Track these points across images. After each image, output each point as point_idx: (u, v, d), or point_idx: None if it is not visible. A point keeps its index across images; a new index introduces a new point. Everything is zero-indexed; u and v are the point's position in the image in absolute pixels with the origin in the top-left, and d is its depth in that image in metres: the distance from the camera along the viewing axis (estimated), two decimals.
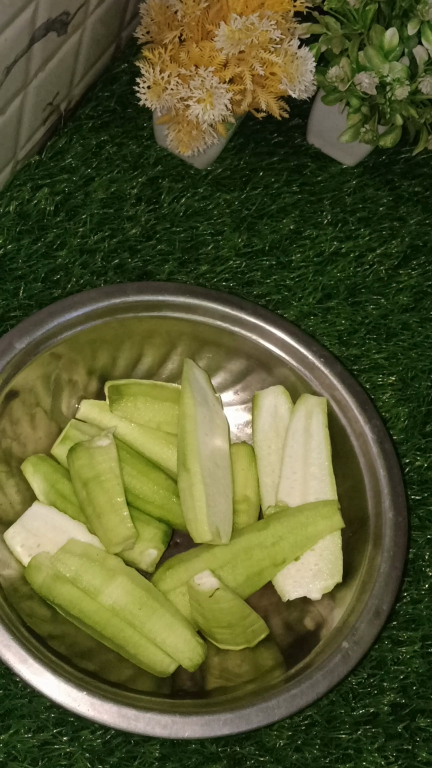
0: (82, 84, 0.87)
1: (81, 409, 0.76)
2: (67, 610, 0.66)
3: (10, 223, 0.82)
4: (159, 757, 0.67)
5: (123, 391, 0.75)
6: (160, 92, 0.75)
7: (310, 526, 0.70)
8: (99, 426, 0.75)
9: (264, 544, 0.70)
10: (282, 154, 0.92)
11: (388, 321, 0.85)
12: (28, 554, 0.69)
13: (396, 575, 0.68)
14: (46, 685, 0.62)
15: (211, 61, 0.75)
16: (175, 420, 0.74)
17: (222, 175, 0.89)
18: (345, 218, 0.89)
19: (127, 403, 0.75)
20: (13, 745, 0.66)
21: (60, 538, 0.69)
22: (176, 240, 0.84)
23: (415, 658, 0.73)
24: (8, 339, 0.70)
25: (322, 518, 0.71)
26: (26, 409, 0.72)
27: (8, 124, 0.77)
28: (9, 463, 0.72)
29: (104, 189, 0.85)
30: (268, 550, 0.70)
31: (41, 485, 0.72)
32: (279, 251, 0.86)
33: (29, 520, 0.70)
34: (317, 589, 0.70)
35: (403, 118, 0.82)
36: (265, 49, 0.75)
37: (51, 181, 0.84)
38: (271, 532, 0.70)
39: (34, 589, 0.67)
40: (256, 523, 0.73)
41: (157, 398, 0.75)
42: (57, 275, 0.81)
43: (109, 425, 0.75)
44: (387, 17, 0.80)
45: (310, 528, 0.70)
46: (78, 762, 0.66)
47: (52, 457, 0.74)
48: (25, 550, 0.69)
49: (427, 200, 0.92)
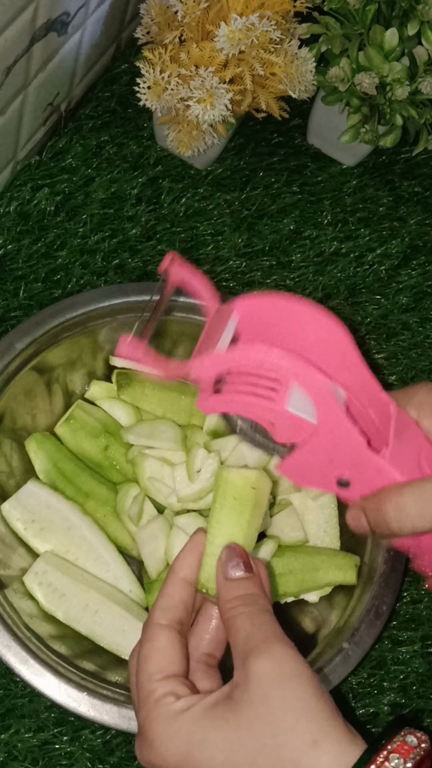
0: (82, 84, 0.87)
1: (90, 389, 0.76)
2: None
3: (11, 223, 0.82)
4: None
5: (132, 377, 0.75)
6: (161, 92, 0.75)
7: (322, 571, 0.70)
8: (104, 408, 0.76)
9: (271, 572, 0.69)
10: (282, 154, 0.92)
11: (388, 321, 0.85)
12: (24, 528, 0.70)
13: (396, 575, 0.68)
14: (46, 685, 0.62)
15: (212, 61, 0.75)
16: (181, 410, 0.75)
17: (222, 175, 0.89)
18: (345, 218, 0.89)
19: (134, 389, 0.75)
20: (14, 744, 0.66)
21: (54, 517, 0.70)
22: (176, 240, 0.85)
23: (415, 658, 0.73)
24: (9, 339, 0.70)
25: (337, 569, 0.70)
26: (43, 385, 0.73)
27: (9, 124, 0.77)
28: (18, 438, 0.73)
29: (104, 189, 0.85)
30: (273, 579, 0.69)
31: (43, 463, 0.72)
32: (279, 251, 0.86)
33: (24, 497, 0.71)
34: (315, 592, 0.71)
35: (403, 118, 0.82)
36: (265, 49, 0.75)
37: (51, 181, 0.85)
38: (283, 562, 0.70)
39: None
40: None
41: (165, 388, 0.75)
42: (57, 275, 0.81)
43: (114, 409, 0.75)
44: (387, 17, 0.80)
45: (321, 573, 0.70)
46: (78, 762, 0.66)
47: (55, 435, 0.75)
48: (21, 525, 0.70)
49: (427, 200, 0.92)
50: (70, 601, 0.68)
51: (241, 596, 0.50)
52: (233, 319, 0.55)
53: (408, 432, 0.54)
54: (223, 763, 0.45)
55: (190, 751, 0.45)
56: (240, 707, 0.45)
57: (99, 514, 0.71)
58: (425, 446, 0.54)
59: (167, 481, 0.70)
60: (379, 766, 0.43)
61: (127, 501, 0.70)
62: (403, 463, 0.52)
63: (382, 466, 0.52)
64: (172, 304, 0.75)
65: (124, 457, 0.73)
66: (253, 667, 0.46)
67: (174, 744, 0.46)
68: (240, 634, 0.48)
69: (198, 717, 0.46)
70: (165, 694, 0.47)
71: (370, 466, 0.52)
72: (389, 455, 0.52)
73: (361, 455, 0.52)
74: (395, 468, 0.52)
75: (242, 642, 0.48)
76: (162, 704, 0.47)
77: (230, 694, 0.46)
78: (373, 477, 0.52)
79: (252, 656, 0.46)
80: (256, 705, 0.45)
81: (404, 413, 0.55)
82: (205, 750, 0.45)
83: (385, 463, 0.52)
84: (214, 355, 0.51)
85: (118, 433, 0.73)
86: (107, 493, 0.72)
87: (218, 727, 0.45)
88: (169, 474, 0.70)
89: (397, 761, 0.43)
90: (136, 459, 0.71)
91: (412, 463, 0.53)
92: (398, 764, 0.43)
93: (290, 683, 0.46)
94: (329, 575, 0.70)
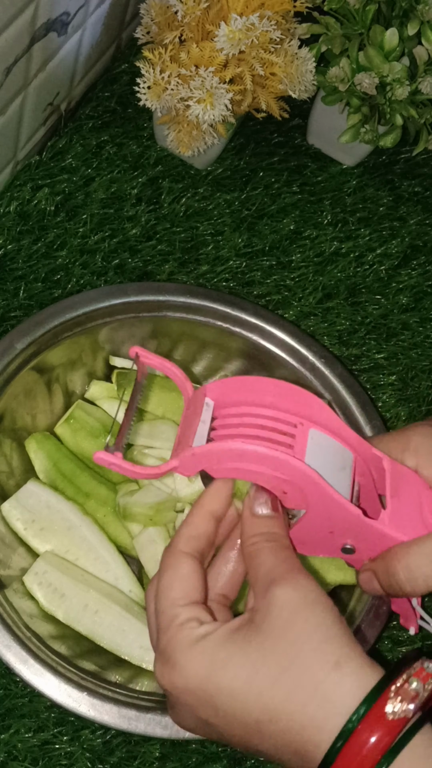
0: (82, 84, 0.87)
1: (90, 389, 0.76)
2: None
3: (11, 223, 0.82)
4: (159, 756, 0.67)
5: (132, 377, 0.75)
6: (161, 92, 0.76)
7: (321, 571, 0.69)
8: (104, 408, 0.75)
9: None
10: (282, 154, 0.92)
11: (388, 321, 0.85)
12: (24, 528, 0.70)
13: None
14: (46, 685, 0.62)
15: (212, 61, 0.75)
16: (180, 410, 0.74)
17: (222, 175, 0.89)
18: (345, 218, 0.89)
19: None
20: (14, 744, 0.66)
21: (54, 517, 0.70)
22: (176, 240, 0.85)
23: None
24: (9, 339, 0.70)
25: (337, 569, 0.70)
26: (43, 385, 0.73)
27: (8, 124, 0.77)
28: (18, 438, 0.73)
29: (104, 189, 0.85)
30: None
31: (43, 463, 0.72)
32: (279, 251, 0.86)
33: (24, 497, 0.71)
34: None
35: (403, 118, 0.82)
36: (265, 49, 0.75)
37: (51, 181, 0.85)
38: None
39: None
40: None
41: (164, 387, 0.75)
42: (57, 275, 0.81)
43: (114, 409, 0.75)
44: (387, 17, 0.80)
45: (320, 573, 0.69)
46: (78, 762, 0.66)
47: (55, 435, 0.75)
48: (21, 525, 0.70)
49: (427, 200, 0.92)
50: (70, 601, 0.68)
51: (265, 533, 0.50)
52: (208, 402, 0.55)
53: (406, 485, 0.54)
54: (246, 682, 0.45)
55: (214, 671, 0.46)
56: (263, 630, 0.46)
57: (99, 514, 0.71)
58: (427, 497, 0.54)
59: (167, 480, 0.70)
60: (399, 688, 0.44)
61: None
62: (404, 521, 0.52)
63: (383, 531, 0.52)
64: (171, 303, 0.75)
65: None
66: (277, 592, 0.47)
67: (198, 664, 0.47)
68: (263, 566, 0.49)
69: (221, 639, 0.47)
70: (189, 618, 0.48)
71: (372, 533, 0.52)
72: (388, 518, 0.52)
73: (360, 525, 0.52)
74: (397, 530, 0.52)
75: (265, 573, 0.48)
76: (186, 628, 0.48)
77: (252, 619, 0.47)
78: (377, 542, 0.52)
79: (276, 584, 0.47)
80: (280, 628, 0.46)
81: (399, 466, 0.54)
82: (228, 670, 0.46)
83: (385, 528, 0.52)
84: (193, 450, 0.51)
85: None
86: (107, 493, 0.72)
87: (241, 648, 0.46)
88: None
89: (417, 684, 0.44)
90: (136, 459, 0.71)
91: (414, 518, 0.53)
92: (418, 687, 0.44)
93: (314, 609, 0.47)
94: (329, 575, 0.70)
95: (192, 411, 0.55)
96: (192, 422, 0.54)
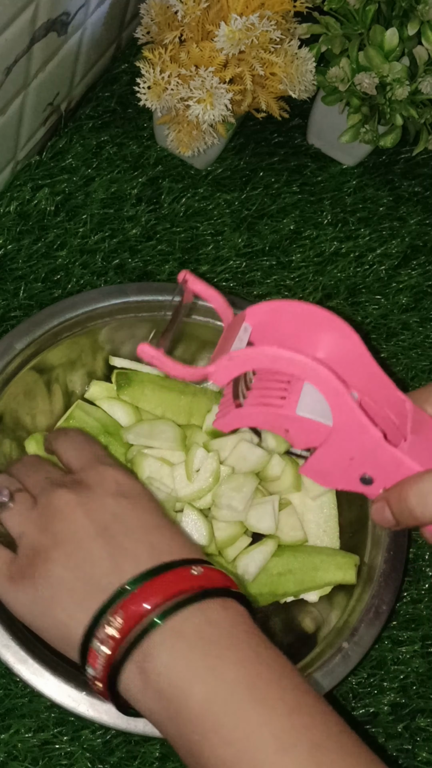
0: (82, 84, 0.87)
1: (90, 389, 0.76)
2: None
3: (11, 223, 0.82)
4: (159, 756, 0.67)
5: (132, 377, 0.75)
6: (161, 92, 0.76)
7: (321, 570, 0.69)
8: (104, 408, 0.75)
9: (270, 572, 0.69)
10: (282, 154, 0.92)
11: (388, 321, 0.85)
12: None
13: (396, 575, 0.68)
14: (46, 685, 0.62)
15: (212, 61, 0.75)
16: (180, 410, 0.75)
17: (222, 175, 0.89)
18: (345, 218, 0.89)
19: (134, 389, 0.75)
20: (14, 744, 0.66)
21: None
22: (176, 240, 0.85)
23: (415, 658, 0.73)
24: (9, 339, 0.70)
25: (336, 568, 0.69)
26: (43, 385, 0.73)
27: (9, 124, 0.77)
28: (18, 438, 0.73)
29: (104, 189, 0.85)
30: (272, 578, 0.69)
31: None
32: (279, 251, 0.87)
33: None
34: (314, 592, 0.71)
35: (403, 118, 0.82)
36: (265, 49, 0.75)
37: (51, 181, 0.85)
38: (283, 561, 0.70)
39: None
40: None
41: (164, 387, 0.75)
42: (57, 275, 0.81)
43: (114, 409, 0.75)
44: (387, 17, 0.80)
45: (320, 572, 0.69)
46: (78, 761, 0.66)
47: None
48: None
49: (427, 200, 0.92)
50: None
51: None
52: (246, 327, 0.56)
53: (425, 427, 0.55)
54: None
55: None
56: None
57: None
58: None
59: (166, 480, 0.70)
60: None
61: None
62: (421, 454, 0.54)
63: (401, 458, 0.53)
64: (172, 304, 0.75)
65: (123, 457, 0.73)
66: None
67: None
68: None
69: None
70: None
71: (390, 460, 0.53)
72: (407, 448, 0.53)
73: (380, 449, 0.53)
74: (414, 460, 0.53)
75: None
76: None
77: None
78: (394, 471, 0.54)
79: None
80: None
81: (420, 411, 0.56)
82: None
83: (404, 456, 0.53)
84: (230, 354, 0.53)
85: (117, 433, 0.73)
86: None
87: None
88: (168, 474, 0.70)
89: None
90: (136, 459, 0.71)
91: (430, 455, 0.54)
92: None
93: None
94: (329, 575, 0.69)
95: (230, 332, 0.57)
96: (230, 339, 0.56)
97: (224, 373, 0.54)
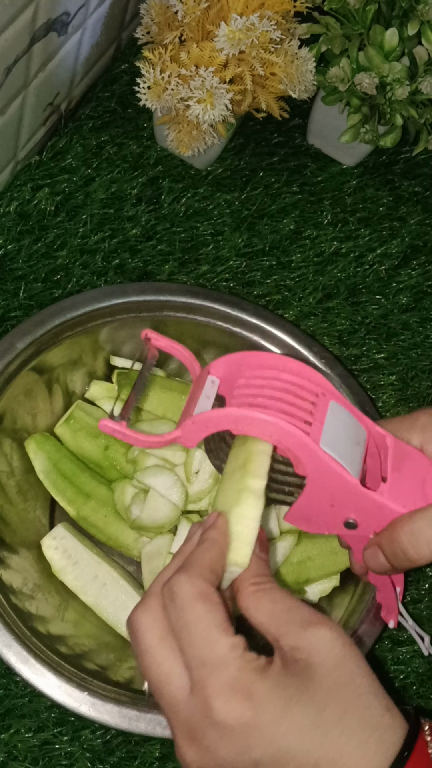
0: (82, 84, 0.87)
1: (90, 389, 0.76)
2: None
3: (11, 224, 0.82)
4: (159, 756, 0.67)
5: (132, 377, 0.75)
6: (161, 92, 0.75)
7: (340, 554, 0.70)
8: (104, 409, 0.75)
9: (291, 561, 0.70)
10: (282, 154, 0.92)
11: (388, 321, 0.85)
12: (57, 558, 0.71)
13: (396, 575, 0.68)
14: (47, 685, 0.62)
15: (212, 61, 0.75)
16: (180, 410, 0.75)
17: (222, 175, 0.89)
18: (345, 218, 0.89)
19: None
20: (14, 744, 0.66)
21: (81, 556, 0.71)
22: (176, 240, 0.85)
23: (415, 658, 0.73)
24: (10, 339, 0.70)
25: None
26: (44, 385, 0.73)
27: (9, 124, 0.77)
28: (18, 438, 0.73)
29: (104, 189, 0.85)
30: (293, 567, 0.70)
31: (43, 464, 0.73)
32: (279, 251, 0.87)
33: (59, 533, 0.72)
34: (315, 593, 0.71)
35: (403, 118, 0.82)
36: (265, 49, 0.75)
37: (51, 181, 0.85)
38: (301, 549, 0.70)
39: None
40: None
41: (165, 387, 0.76)
42: (57, 275, 0.81)
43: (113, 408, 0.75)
44: (387, 17, 0.80)
45: (339, 555, 0.70)
46: (78, 761, 0.66)
47: (55, 435, 0.75)
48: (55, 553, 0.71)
49: (427, 200, 0.92)
50: (82, 569, 0.69)
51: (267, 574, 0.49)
52: (213, 380, 0.55)
53: (409, 462, 0.54)
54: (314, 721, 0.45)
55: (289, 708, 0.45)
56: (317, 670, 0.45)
57: (100, 515, 0.71)
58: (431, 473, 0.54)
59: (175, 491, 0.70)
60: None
61: (126, 498, 0.70)
62: (404, 495, 0.52)
63: (382, 502, 0.52)
64: (172, 303, 0.75)
65: (124, 457, 0.73)
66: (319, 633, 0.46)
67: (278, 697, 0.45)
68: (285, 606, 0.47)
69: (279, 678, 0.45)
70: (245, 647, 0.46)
71: (371, 504, 0.52)
72: (387, 490, 0.52)
73: (358, 495, 0.52)
74: (395, 502, 0.52)
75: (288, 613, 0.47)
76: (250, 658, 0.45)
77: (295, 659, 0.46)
78: (377, 514, 0.52)
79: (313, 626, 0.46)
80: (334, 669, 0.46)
81: (402, 444, 0.55)
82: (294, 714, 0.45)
83: (384, 499, 0.52)
84: (193, 418, 0.52)
85: None
86: (108, 494, 0.72)
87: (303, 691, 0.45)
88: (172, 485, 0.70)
89: None
90: (136, 459, 0.71)
91: (415, 492, 0.53)
92: None
93: (356, 651, 0.47)
94: (347, 556, 0.70)
95: (197, 387, 0.55)
96: (196, 396, 0.55)
97: (192, 436, 0.52)
